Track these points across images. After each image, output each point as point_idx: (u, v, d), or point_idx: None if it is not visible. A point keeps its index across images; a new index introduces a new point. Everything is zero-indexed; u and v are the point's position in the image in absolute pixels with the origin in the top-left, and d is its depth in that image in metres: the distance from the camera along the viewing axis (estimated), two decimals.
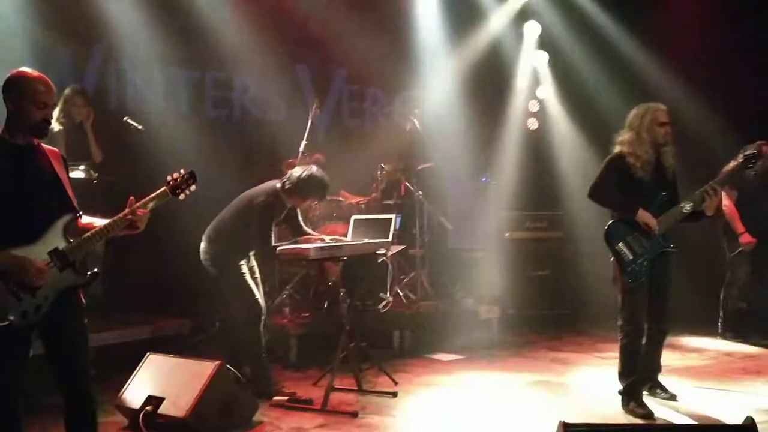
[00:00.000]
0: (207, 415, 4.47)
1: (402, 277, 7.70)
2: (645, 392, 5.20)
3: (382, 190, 7.82)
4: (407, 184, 7.76)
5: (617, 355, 5.22)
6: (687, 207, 4.96)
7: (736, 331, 7.53)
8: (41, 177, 3.36)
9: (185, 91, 8.03)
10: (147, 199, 3.50)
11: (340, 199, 7.51)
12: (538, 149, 9.68)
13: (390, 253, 6.72)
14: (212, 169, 7.54)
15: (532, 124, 9.89)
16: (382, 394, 5.47)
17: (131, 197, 3.49)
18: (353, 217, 6.98)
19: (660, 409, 5.06)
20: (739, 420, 3.18)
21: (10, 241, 3.20)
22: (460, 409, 5.21)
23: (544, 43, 9.75)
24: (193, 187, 3.59)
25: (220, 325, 6.47)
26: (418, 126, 7.96)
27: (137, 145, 6.48)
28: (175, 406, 4.45)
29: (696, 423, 4.74)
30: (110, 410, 4.68)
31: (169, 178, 3.58)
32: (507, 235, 8.71)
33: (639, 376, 5.10)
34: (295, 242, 5.57)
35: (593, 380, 5.98)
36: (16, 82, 3.34)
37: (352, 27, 8.40)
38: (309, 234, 5.78)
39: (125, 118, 6.34)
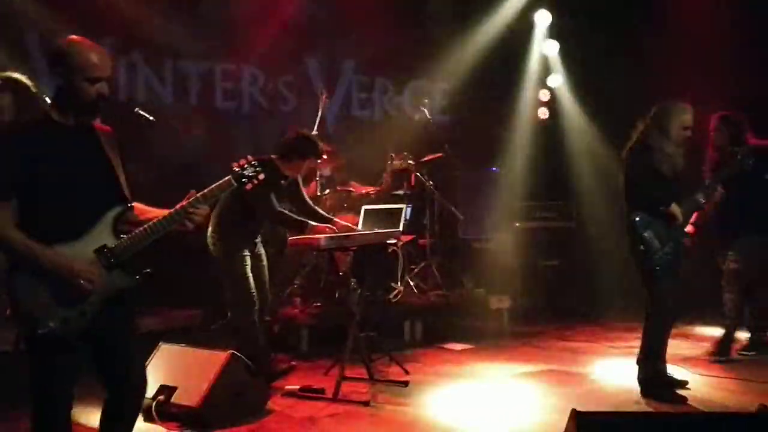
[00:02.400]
0: (219, 404, 4.50)
1: (412, 267, 7.70)
2: None
3: (392, 181, 7.82)
4: (417, 174, 7.75)
5: (628, 344, 5.23)
6: (701, 199, 5.12)
7: None
8: (90, 164, 2.99)
9: (195, 83, 8.04)
10: (207, 190, 3.12)
11: (350, 189, 7.51)
12: (548, 139, 9.66)
13: (400, 243, 6.73)
14: (221, 161, 7.56)
15: (543, 113, 9.87)
16: (394, 384, 5.48)
17: (192, 190, 3.12)
18: (363, 208, 6.99)
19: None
20: (751, 408, 3.17)
21: (53, 236, 2.85)
22: (470, 398, 5.22)
23: (555, 32, 9.71)
24: (261, 176, 3.23)
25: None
26: (428, 116, 7.94)
27: (147, 135, 6.49)
28: (188, 396, 4.48)
29: (707, 411, 4.72)
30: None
31: (234, 165, 3.21)
32: (517, 224, 8.70)
33: (664, 362, 5.14)
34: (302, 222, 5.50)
35: (604, 369, 5.96)
36: (66, 53, 2.92)
37: (361, 16, 8.39)
38: (316, 211, 5.72)
39: (135, 109, 6.34)
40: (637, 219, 4.97)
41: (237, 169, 3.21)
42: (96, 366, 3.11)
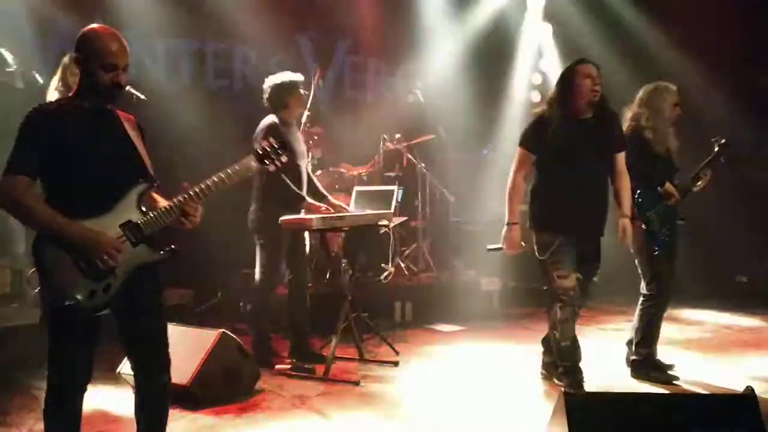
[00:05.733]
0: (209, 383, 4.51)
1: (403, 248, 7.71)
2: None
3: (384, 162, 7.80)
4: (409, 156, 7.74)
5: (617, 325, 5.28)
6: (692, 188, 5.16)
7: None
8: (114, 143, 3.06)
9: (186, 62, 7.98)
10: (231, 170, 3.15)
11: (342, 170, 7.50)
12: None
13: (392, 224, 6.73)
14: (213, 140, 7.55)
15: (535, 96, 9.85)
16: (384, 364, 5.52)
17: (184, 183, 3.14)
18: (355, 189, 6.98)
19: None
20: (738, 389, 3.20)
21: (79, 212, 2.91)
22: (460, 379, 5.25)
23: (549, 14, 9.68)
24: (284, 158, 3.31)
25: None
26: (420, 98, 7.92)
27: (139, 114, 6.46)
28: (178, 374, 4.41)
29: (696, 392, 4.77)
30: (113, 378, 4.71)
31: (257, 146, 3.30)
32: None
33: (655, 345, 5.20)
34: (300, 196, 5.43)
35: (594, 351, 5.99)
36: (85, 42, 3.03)
37: None
38: (310, 180, 5.70)
39: (127, 87, 6.30)
40: (642, 197, 5.00)
41: (260, 150, 3.28)
42: (123, 342, 3.16)
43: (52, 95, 5.19)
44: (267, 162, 3.28)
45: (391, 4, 8.72)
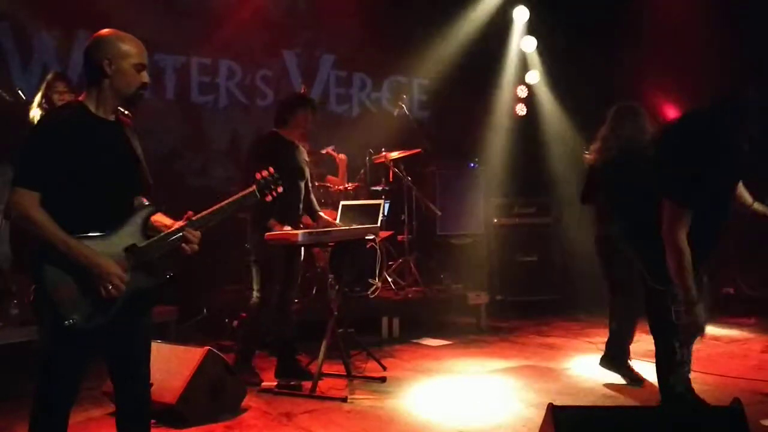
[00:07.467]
0: (195, 400, 4.46)
1: (390, 263, 7.69)
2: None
3: (370, 176, 7.80)
4: (395, 170, 7.74)
5: (605, 339, 5.32)
6: None
7: None
8: (123, 159, 2.99)
9: (171, 77, 7.96)
10: (232, 200, 3.13)
11: (328, 185, 7.48)
12: (526, 135, 9.69)
13: (378, 239, 6.71)
14: (198, 156, 7.52)
15: (521, 110, 9.89)
16: (371, 380, 5.48)
17: (189, 212, 3.05)
18: (341, 203, 6.97)
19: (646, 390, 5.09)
20: (726, 402, 3.20)
21: (83, 229, 2.84)
22: (448, 393, 5.22)
23: (533, 28, 9.73)
24: (280, 189, 3.24)
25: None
26: (406, 112, 7.93)
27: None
28: (164, 392, 4.41)
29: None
30: (98, 397, 4.65)
31: (258, 176, 3.20)
32: (495, 221, 8.72)
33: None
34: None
35: (581, 364, 5.99)
36: (113, 42, 2.93)
37: (339, 11, 8.37)
38: (310, 199, 5.70)
39: None
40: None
41: (261, 180, 3.21)
42: (108, 364, 3.12)
43: (35, 112, 5.18)
44: (266, 192, 3.22)
45: (377, 19, 8.75)
